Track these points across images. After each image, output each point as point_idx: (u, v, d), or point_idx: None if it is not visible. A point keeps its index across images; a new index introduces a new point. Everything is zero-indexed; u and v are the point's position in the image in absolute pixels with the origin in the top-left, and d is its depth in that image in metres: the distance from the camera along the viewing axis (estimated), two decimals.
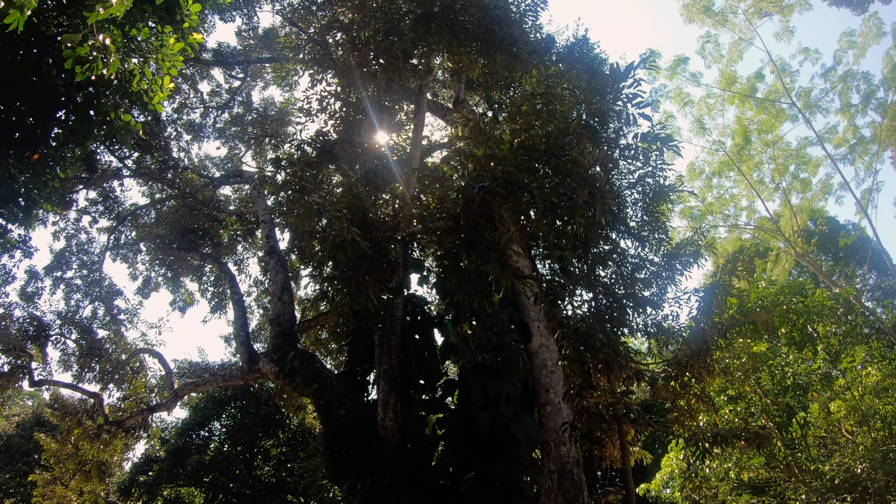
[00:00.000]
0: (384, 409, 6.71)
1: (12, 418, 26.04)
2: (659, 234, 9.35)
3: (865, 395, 12.94)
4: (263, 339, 12.75)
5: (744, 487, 13.68)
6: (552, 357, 7.33)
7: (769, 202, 24.11)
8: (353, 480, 6.90)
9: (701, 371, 9.06)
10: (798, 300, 14.52)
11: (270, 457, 21.51)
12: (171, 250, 12.86)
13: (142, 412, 12.19)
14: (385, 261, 6.72)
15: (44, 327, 13.61)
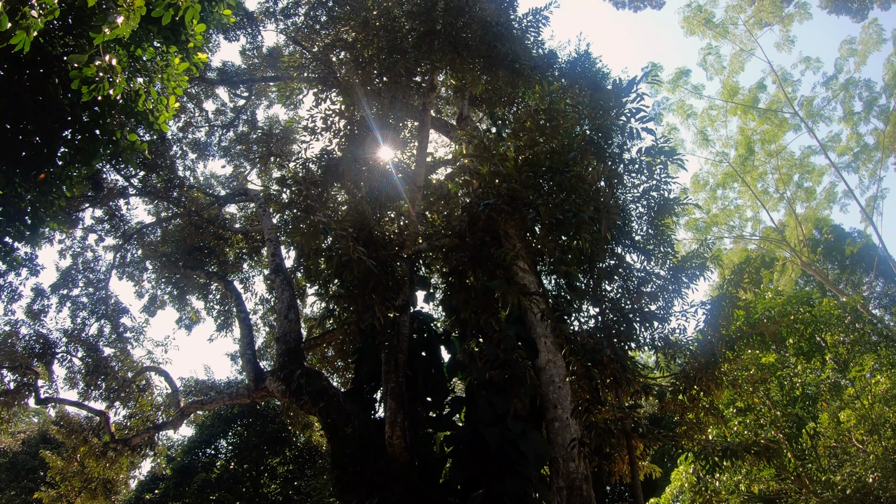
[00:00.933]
0: (392, 426, 6.69)
1: (18, 435, 26.02)
2: (664, 247, 9.34)
3: (875, 403, 12.84)
4: (270, 357, 12.76)
5: (754, 500, 13.53)
6: (560, 373, 7.30)
7: (774, 212, 24.12)
8: (360, 498, 6.86)
9: (709, 384, 9.01)
10: (805, 310, 14.47)
11: (277, 475, 21.37)
12: (176, 268, 12.91)
13: (148, 430, 12.19)
14: (391, 278, 6.72)
15: (50, 345, 13.65)
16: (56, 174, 6.47)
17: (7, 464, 23.41)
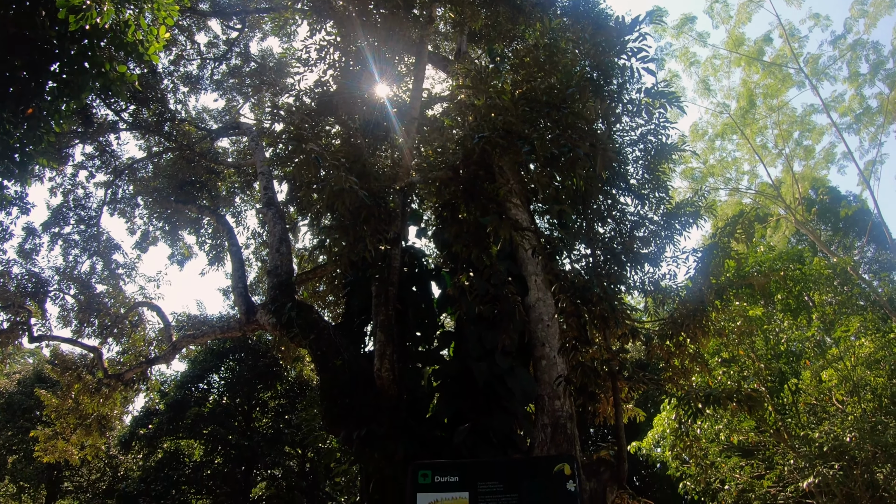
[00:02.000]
0: (381, 359, 6.74)
1: (13, 376, 26.29)
2: (659, 192, 9.26)
3: (857, 366, 13.02)
4: (261, 292, 12.79)
5: (733, 450, 13.89)
6: (549, 311, 7.33)
7: (771, 168, 24.00)
8: (349, 430, 6.96)
9: (696, 331, 9.09)
10: (796, 267, 14.55)
11: (268, 409, 21.92)
12: (168, 203, 12.78)
13: (140, 365, 12.29)
14: (383, 211, 6.67)
15: (42, 283, 13.61)
16: (44, 108, 6.33)
17: (3, 404, 23.74)
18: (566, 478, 3.29)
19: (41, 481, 23.77)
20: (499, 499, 3.29)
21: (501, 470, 3.50)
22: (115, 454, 23.42)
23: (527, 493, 3.31)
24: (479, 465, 3.83)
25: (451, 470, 3.48)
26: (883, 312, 16.45)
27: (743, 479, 13.51)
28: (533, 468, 3.55)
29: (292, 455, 21.96)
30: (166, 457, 20.55)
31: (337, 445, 9.86)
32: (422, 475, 3.48)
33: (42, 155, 7.01)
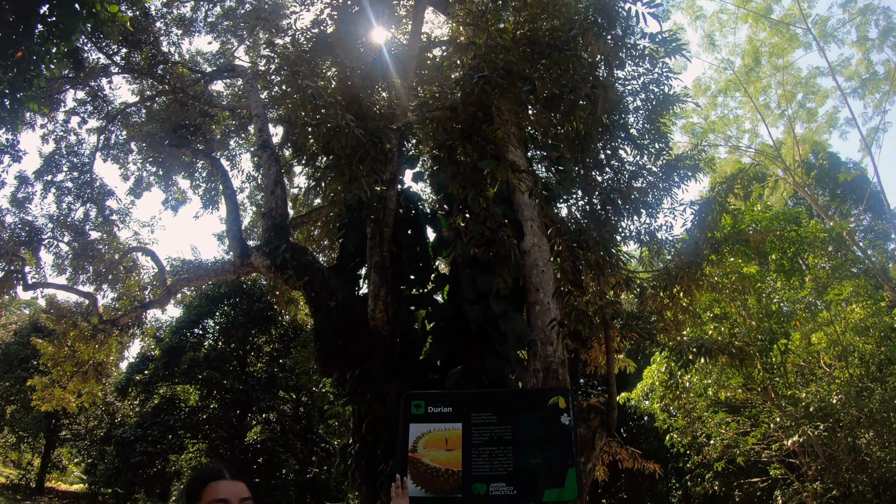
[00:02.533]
0: (374, 300, 6.73)
1: (10, 326, 26.43)
2: (659, 143, 9.19)
3: (847, 331, 13.13)
4: (256, 237, 12.74)
5: (720, 406, 14.14)
6: (543, 257, 7.31)
7: (773, 128, 23.75)
8: (342, 371, 7.00)
9: (690, 284, 9.13)
10: (792, 228, 14.54)
11: (263, 353, 22.22)
12: (162, 147, 12.60)
13: (135, 310, 12.31)
14: (380, 151, 6.56)
15: (36, 231, 13.52)
16: (34, 52, 6.14)
17: (0, 355, 23.87)
18: (560, 411, 3.26)
19: (39, 430, 24.14)
20: (492, 430, 3.26)
21: (495, 401, 3.47)
22: (111, 401, 23.74)
23: (521, 425, 3.28)
24: (472, 396, 3.82)
25: (445, 401, 3.46)
26: (876, 280, 16.52)
27: (728, 434, 13.78)
28: (527, 400, 3.53)
29: (286, 399, 22.35)
30: (162, 402, 20.86)
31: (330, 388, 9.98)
32: (415, 406, 3.46)
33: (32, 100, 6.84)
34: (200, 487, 1.74)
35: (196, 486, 1.76)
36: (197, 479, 1.79)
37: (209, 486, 1.72)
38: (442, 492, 3.12)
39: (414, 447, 3.29)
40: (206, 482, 1.74)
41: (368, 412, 6.84)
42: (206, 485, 1.73)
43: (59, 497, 24.07)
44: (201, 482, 1.76)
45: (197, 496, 1.72)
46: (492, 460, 3.17)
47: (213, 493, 1.70)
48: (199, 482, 1.76)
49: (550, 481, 3.06)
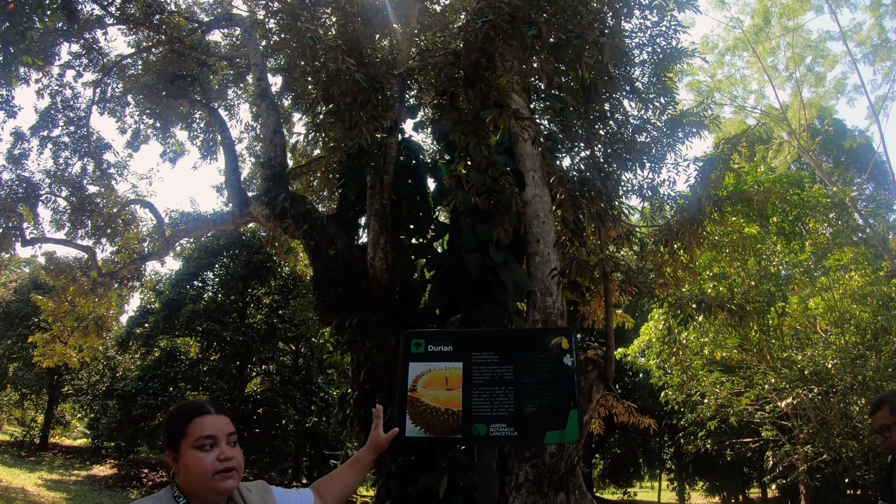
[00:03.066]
0: (374, 248, 6.70)
1: (10, 284, 26.47)
2: (665, 98, 9.03)
3: (845, 297, 13.16)
4: (255, 188, 12.66)
5: (716, 365, 14.32)
6: (545, 208, 7.26)
7: (780, 90, 23.51)
8: (341, 318, 7.01)
9: (691, 241, 9.10)
10: (794, 192, 14.47)
11: (262, 305, 22.40)
12: (159, 99, 12.40)
13: (135, 262, 12.30)
14: (380, 97, 6.44)
15: (33, 187, 13.40)
16: (26, 3, 5.94)
17: (1, 314, 23.97)
18: (563, 352, 3.19)
19: (42, 387, 24.35)
20: (494, 370, 3.20)
21: (497, 341, 3.38)
22: (112, 355, 23.95)
23: (523, 366, 3.21)
24: (473, 334, 3.74)
25: (445, 339, 3.38)
26: (876, 249, 16.53)
27: (722, 394, 13.98)
28: (529, 340, 3.42)
29: (286, 350, 22.57)
30: (163, 355, 21.03)
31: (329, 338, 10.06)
32: (414, 344, 3.38)
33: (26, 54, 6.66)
34: (184, 423, 1.66)
35: (179, 422, 1.68)
36: (180, 415, 1.71)
37: (194, 422, 1.66)
38: (441, 432, 3.08)
39: (413, 386, 3.25)
40: (190, 418, 1.67)
41: (367, 360, 6.88)
42: (191, 420, 1.67)
43: (63, 452, 24.47)
44: (185, 418, 1.68)
45: (180, 433, 1.66)
46: (492, 400, 3.13)
47: (199, 430, 1.65)
48: (183, 418, 1.68)
49: (552, 423, 3.02)
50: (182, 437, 1.65)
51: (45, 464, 21.33)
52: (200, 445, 1.63)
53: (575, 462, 7.58)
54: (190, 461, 1.62)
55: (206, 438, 1.63)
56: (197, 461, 1.61)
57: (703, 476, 22.34)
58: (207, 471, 1.60)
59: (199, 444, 1.63)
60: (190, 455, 1.63)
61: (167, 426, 1.73)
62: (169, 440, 1.70)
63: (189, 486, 1.64)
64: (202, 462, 1.61)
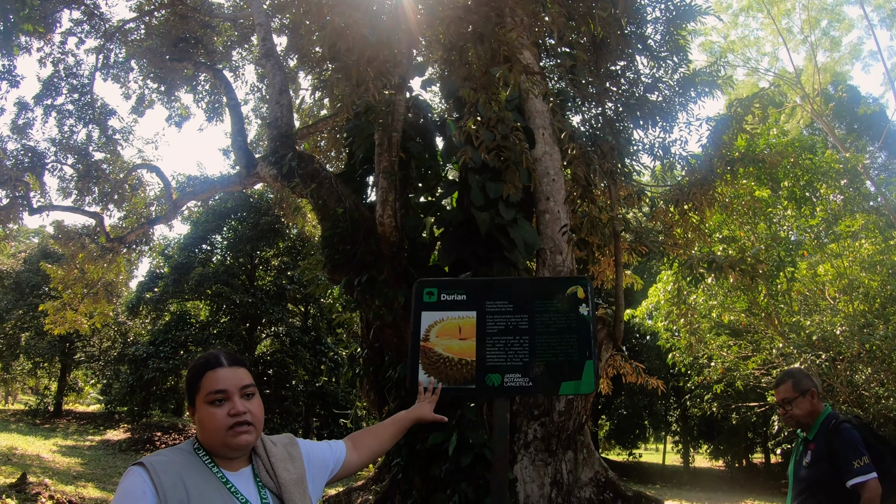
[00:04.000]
0: (383, 206, 6.66)
1: (19, 255, 26.62)
2: (677, 56, 8.87)
3: (854, 265, 13.06)
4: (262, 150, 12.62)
5: (723, 328, 14.33)
6: (555, 166, 7.19)
7: (794, 53, 22.99)
8: (350, 276, 7.00)
9: (702, 201, 9.01)
10: (807, 156, 14.28)
11: (270, 266, 22.67)
12: (163, 63, 12.25)
13: (142, 226, 12.32)
14: (388, 53, 6.32)
15: (39, 156, 13.37)
16: None
17: (12, 284, 24.22)
18: (579, 301, 3.10)
19: (54, 354, 24.69)
20: (508, 319, 3.12)
21: (511, 289, 3.29)
22: (123, 320, 24.25)
23: (538, 315, 3.13)
24: (487, 283, 3.65)
25: (458, 288, 3.29)
26: (887, 218, 16.35)
27: (729, 357, 14.01)
28: (545, 289, 3.32)
29: (295, 312, 22.82)
30: (173, 319, 21.32)
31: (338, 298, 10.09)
32: (427, 293, 3.30)
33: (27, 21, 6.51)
34: (198, 378, 1.64)
35: (194, 376, 1.67)
36: (195, 369, 1.68)
37: (206, 377, 1.63)
38: (455, 382, 3.02)
39: (426, 336, 3.17)
40: (202, 372, 1.65)
41: (376, 318, 6.89)
42: (203, 375, 1.64)
43: (77, 419, 24.92)
44: (199, 372, 1.66)
45: (195, 387, 1.64)
46: (507, 350, 3.06)
47: (211, 384, 1.61)
48: (197, 372, 1.64)
49: (567, 374, 2.96)
50: (196, 392, 1.64)
51: (60, 430, 21.74)
52: (212, 400, 1.60)
53: (583, 421, 7.65)
54: (203, 416, 1.60)
55: (217, 393, 1.60)
56: (209, 416, 1.59)
57: (708, 439, 22.57)
58: (220, 426, 1.58)
59: (210, 398, 1.60)
60: (203, 410, 1.61)
61: (186, 381, 1.71)
62: (188, 394, 1.69)
63: (206, 439, 1.63)
64: (214, 417, 1.59)
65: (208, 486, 1.53)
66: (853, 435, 2.84)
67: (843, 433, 2.86)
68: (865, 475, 2.68)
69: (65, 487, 9.63)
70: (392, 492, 7.71)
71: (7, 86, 13.14)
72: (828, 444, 2.89)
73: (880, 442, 2.94)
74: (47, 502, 7.53)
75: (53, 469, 12.84)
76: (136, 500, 1.40)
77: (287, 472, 1.70)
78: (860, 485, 2.68)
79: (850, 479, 2.70)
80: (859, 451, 2.76)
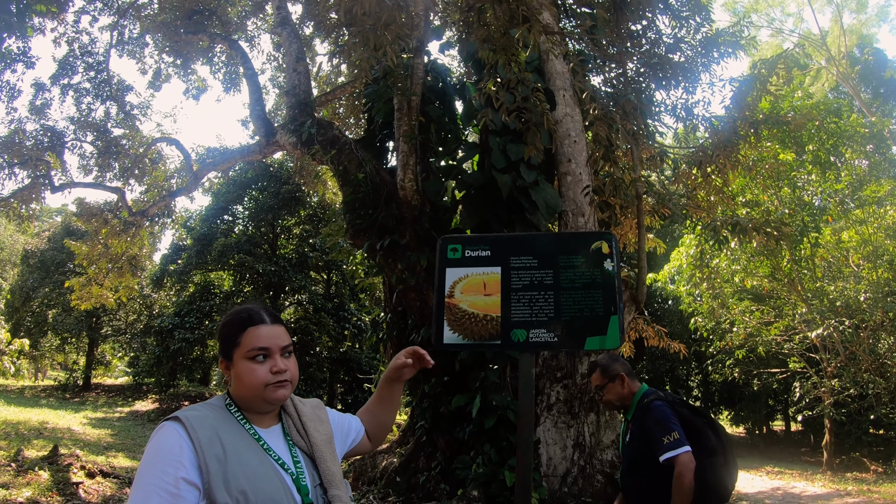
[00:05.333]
0: (403, 169, 6.65)
1: (43, 234, 27.06)
2: (699, 16, 8.65)
3: (879, 232, 12.83)
4: (280, 119, 12.64)
5: (746, 293, 14.22)
6: (576, 127, 7.11)
7: (819, 14, 22.25)
8: (372, 241, 7.05)
9: (725, 164, 8.87)
10: (832, 120, 13.97)
11: (292, 235, 22.85)
12: (178, 36, 12.18)
13: (164, 199, 12.44)
14: (405, 17, 6.25)
15: (58, 135, 13.47)
16: None
17: (37, 263, 24.62)
18: (604, 256, 3.06)
19: (82, 330, 25.14)
20: (533, 275, 3.08)
21: (536, 245, 3.25)
22: (148, 293, 24.65)
23: (562, 270, 3.09)
24: (512, 239, 3.61)
25: (483, 244, 3.26)
26: None
27: (752, 323, 13.91)
28: (569, 244, 3.28)
29: (318, 280, 23.03)
30: (197, 290, 21.63)
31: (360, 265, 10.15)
32: (451, 249, 3.27)
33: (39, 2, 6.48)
34: (238, 333, 1.58)
35: (233, 330, 1.60)
36: (234, 324, 1.61)
37: (248, 333, 1.58)
38: (480, 338, 3.01)
39: (451, 292, 3.15)
40: (244, 328, 1.59)
41: (399, 282, 6.94)
42: (245, 330, 1.58)
43: (106, 391, 25.51)
44: (239, 327, 1.59)
45: (233, 342, 1.58)
46: (532, 306, 3.03)
47: (253, 341, 1.56)
48: (237, 327, 1.59)
49: (592, 329, 2.93)
50: (235, 347, 1.59)
51: (90, 404, 22.27)
52: (253, 357, 1.57)
53: None
54: (242, 371, 1.57)
55: (259, 350, 1.57)
56: (249, 372, 1.56)
57: (729, 406, 22.51)
58: (259, 382, 1.55)
59: (251, 355, 1.57)
60: (242, 365, 1.57)
61: (221, 333, 1.65)
62: (223, 348, 1.63)
63: (241, 395, 1.60)
64: (254, 373, 1.56)
65: (242, 441, 1.52)
66: (663, 411, 2.85)
67: (653, 411, 2.88)
68: (676, 450, 2.70)
69: (96, 458, 9.88)
70: (417, 454, 7.85)
71: (23, 67, 13.21)
72: (641, 422, 2.92)
73: (696, 414, 2.95)
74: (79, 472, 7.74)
75: (84, 441, 13.12)
76: (173, 455, 1.38)
77: (318, 433, 1.70)
78: (672, 459, 2.70)
79: (661, 454, 2.73)
80: (669, 427, 2.77)
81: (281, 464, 1.55)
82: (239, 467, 1.43)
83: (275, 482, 1.48)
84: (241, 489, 1.39)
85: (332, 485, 1.61)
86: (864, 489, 9.36)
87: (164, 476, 1.35)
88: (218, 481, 1.38)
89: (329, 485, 1.60)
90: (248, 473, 1.44)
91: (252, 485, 1.42)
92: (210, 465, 1.39)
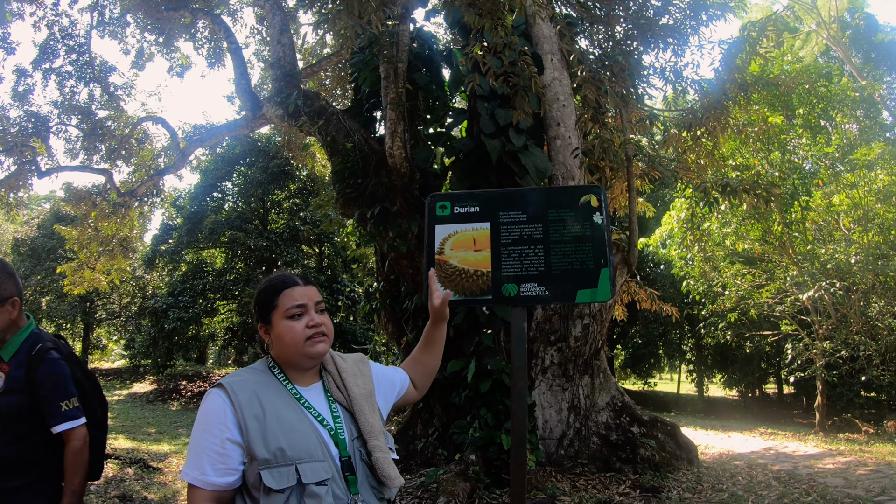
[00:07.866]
0: (392, 137, 6.62)
1: (32, 222, 26.83)
2: None
3: (869, 196, 12.89)
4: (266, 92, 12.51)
5: (737, 256, 14.33)
6: (564, 91, 7.08)
7: None
8: (363, 210, 7.04)
9: (715, 126, 8.87)
10: (822, 83, 13.94)
11: (282, 209, 22.77)
12: (159, 13, 11.91)
13: (152, 178, 12.34)
14: None
15: (42, 121, 13.26)
16: None
17: (28, 251, 24.43)
18: (593, 210, 3.05)
19: (76, 315, 25.09)
20: (522, 229, 3.07)
21: (525, 199, 3.23)
22: (141, 274, 24.58)
23: (552, 224, 3.08)
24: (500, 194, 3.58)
25: (471, 200, 3.24)
26: None
27: (743, 286, 14.03)
28: (558, 199, 3.27)
29: (309, 253, 23.04)
30: (190, 269, 21.57)
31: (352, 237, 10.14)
32: (440, 206, 3.25)
33: None
34: (275, 296, 1.71)
35: (270, 294, 1.73)
36: (270, 289, 1.74)
37: (284, 294, 1.70)
38: (471, 293, 3.01)
39: (441, 249, 3.14)
40: (280, 290, 1.72)
41: (391, 249, 6.95)
42: (281, 292, 1.71)
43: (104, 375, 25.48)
44: (276, 290, 1.72)
45: (271, 305, 1.70)
46: (522, 260, 3.03)
47: (289, 300, 1.68)
48: (274, 290, 1.73)
49: (583, 282, 2.93)
50: (273, 310, 1.70)
51: None
52: (291, 315, 1.67)
53: (599, 346, 7.76)
54: (282, 330, 1.67)
55: (296, 308, 1.68)
56: (288, 329, 1.66)
57: (722, 369, 22.84)
58: (299, 338, 1.65)
59: (289, 313, 1.67)
60: (282, 325, 1.67)
61: (258, 300, 1.76)
62: (261, 313, 1.74)
63: (282, 355, 1.70)
64: (293, 330, 1.66)
65: (281, 400, 1.61)
66: (63, 369, 2.30)
67: (52, 364, 2.27)
68: (75, 420, 2.24)
69: None
70: (414, 421, 7.95)
71: (3, 54, 12.99)
72: (28, 372, 2.25)
73: (87, 378, 2.48)
74: None
75: None
76: (216, 418, 1.51)
77: (357, 387, 1.77)
78: (68, 431, 2.23)
79: (56, 423, 2.21)
80: (69, 391, 2.27)
81: (320, 420, 1.65)
82: (277, 425, 1.54)
83: (311, 437, 1.58)
84: (279, 445, 1.50)
85: (372, 436, 1.69)
86: (855, 449, 9.55)
87: (213, 438, 1.50)
88: (257, 438, 1.49)
89: (368, 436, 1.68)
90: (285, 430, 1.54)
91: (289, 440, 1.52)
92: (249, 424, 1.51)
